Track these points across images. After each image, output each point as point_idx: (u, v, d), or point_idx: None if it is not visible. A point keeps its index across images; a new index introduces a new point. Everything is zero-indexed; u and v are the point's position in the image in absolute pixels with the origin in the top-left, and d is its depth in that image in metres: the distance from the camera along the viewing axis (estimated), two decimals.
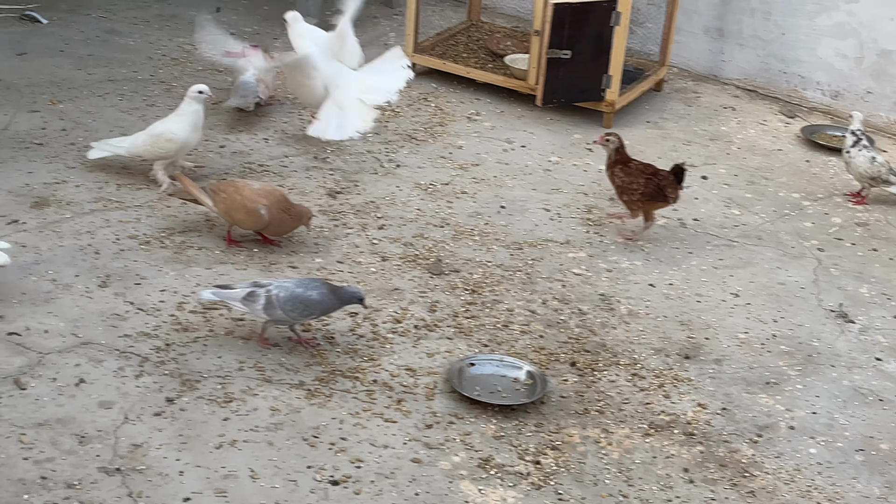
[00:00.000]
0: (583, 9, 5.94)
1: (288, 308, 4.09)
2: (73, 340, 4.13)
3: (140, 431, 3.76)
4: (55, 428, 3.73)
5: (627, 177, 5.08)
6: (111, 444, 3.69)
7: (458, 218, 5.24)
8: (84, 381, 3.94)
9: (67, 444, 3.67)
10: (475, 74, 6.47)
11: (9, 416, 3.74)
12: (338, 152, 5.71)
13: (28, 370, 3.96)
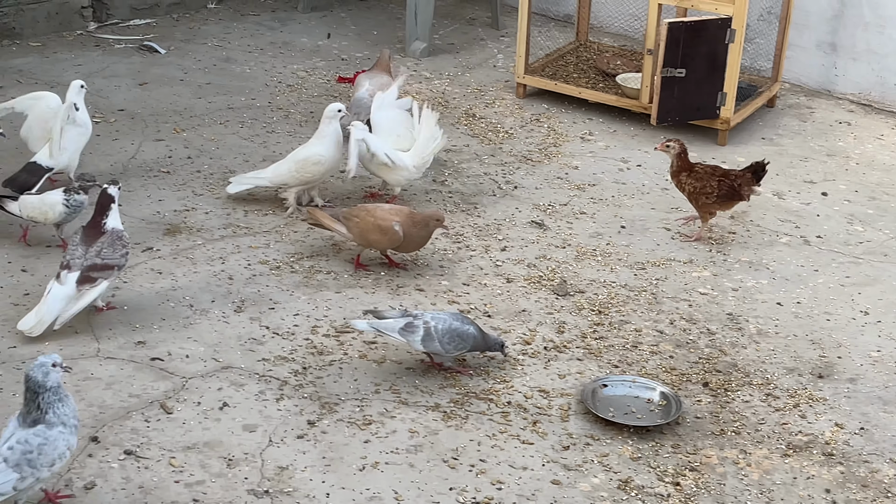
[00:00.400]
0: (697, 27, 5.95)
1: (446, 341, 4.15)
2: (213, 365, 4.23)
3: (285, 454, 3.83)
4: (203, 451, 3.82)
5: (698, 182, 5.16)
6: (258, 467, 3.77)
7: (579, 238, 5.27)
8: (227, 404, 4.03)
9: (216, 467, 3.76)
10: (587, 94, 6.51)
11: (158, 440, 3.85)
12: (455, 175, 5.78)
13: (173, 394, 4.06)
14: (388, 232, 4.76)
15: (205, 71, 6.71)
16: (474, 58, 7.24)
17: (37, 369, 3.40)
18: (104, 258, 4.33)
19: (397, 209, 4.83)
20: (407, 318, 4.19)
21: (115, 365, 4.18)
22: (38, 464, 3.37)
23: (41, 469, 3.38)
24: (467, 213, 5.43)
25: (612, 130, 6.34)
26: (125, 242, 4.40)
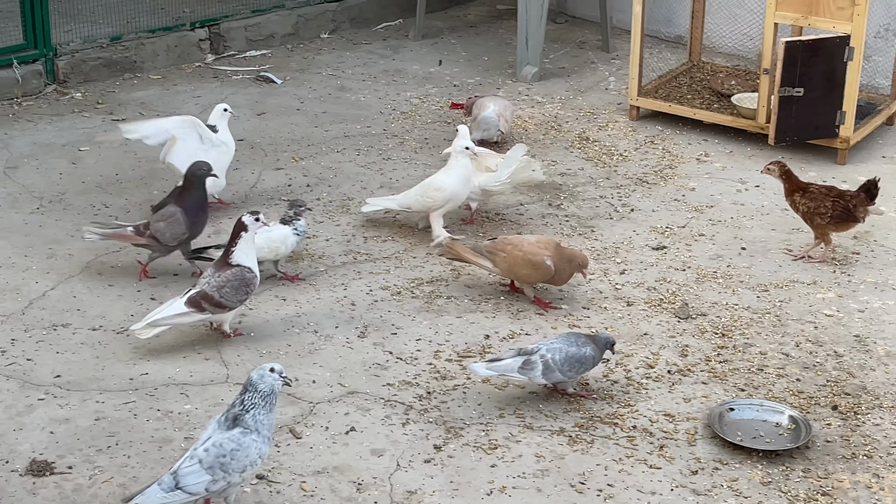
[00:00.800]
0: (815, 45, 5.88)
1: (566, 369, 4.16)
2: (339, 390, 4.29)
3: (413, 478, 3.86)
4: (332, 475, 3.87)
5: (812, 202, 5.11)
6: (387, 491, 3.80)
7: (698, 261, 5.24)
8: (354, 429, 4.08)
9: (346, 491, 3.80)
10: (702, 115, 6.47)
11: (289, 465, 3.90)
12: (571, 198, 5.78)
13: (301, 419, 4.12)
14: (540, 267, 4.75)
15: (320, 100, 6.81)
16: (586, 81, 7.24)
17: (256, 370, 3.57)
18: (222, 297, 4.40)
19: (545, 242, 4.81)
20: (523, 356, 4.19)
21: None
22: (230, 468, 3.49)
23: (233, 474, 3.50)
24: (584, 236, 5.43)
25: (729, 151, 6.29)
26: (250, 289, 4.46)
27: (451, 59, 7.51)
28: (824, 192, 5.14)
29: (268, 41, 7.48)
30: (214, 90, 6.85)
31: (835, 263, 5.20)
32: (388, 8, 8.02)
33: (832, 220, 5.11)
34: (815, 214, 5.11)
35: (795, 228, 5.46)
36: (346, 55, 7.49)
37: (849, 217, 5.11)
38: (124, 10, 7.31)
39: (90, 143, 6.10)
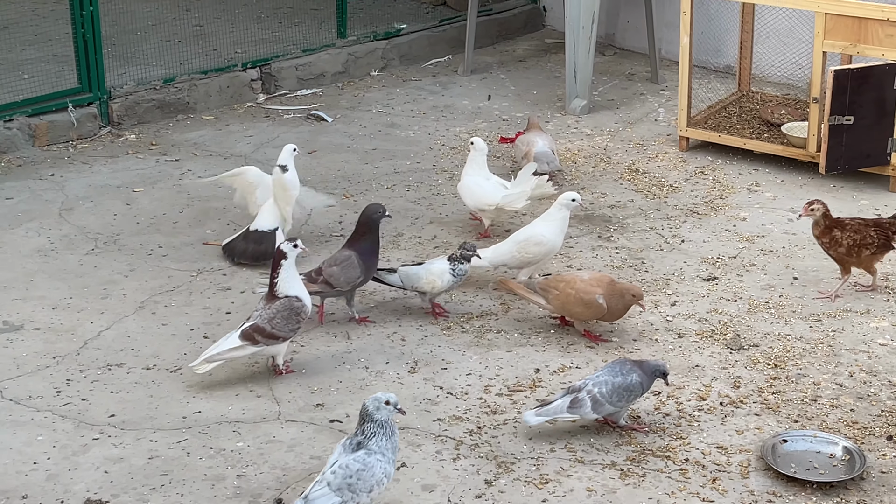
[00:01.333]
0: (863, 73, 5.85)
1: (615, 400, 4.16)
2: None
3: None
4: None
5: (856, 234, 5.05)
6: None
7: (750, 291, 5.21)
8: (405, 464, 4.09)
9: None
10: (752, 145, 6.45)
11: None
12: (621, 230, 5.78)
13: None
14: (592, 305, 4.74)
15: (370, 137, 6.87)
16: (635, 113, 7.25)
17: (371, 402, 3.67)
18: (274, 327, 4.44)
19: (597, 279, 4.80)
20: (571, 394, 4.19)
21: (295, 427, 4.28)
22: (357, 489, 3.59)
23: (360, 494, 3.60)
24: (635, 268, 5.42)
25: (780, 180, 6.26)
26: (301, 317, 4.49)
27: (500, 93, 7.55)
28: (862, 223, 5.10)
29: (318, 80, 7.56)
30: (266, 129, 6.93)
31: (889, 292, 5.16)
32: (437, 44, 8.08)
33: (878, 249, 5.06)
34: (863, 246, 5.05)
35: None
36: (396, 92, 7.56)
37: (889, 245, 5.08)
38: (177, 52, 7.43)
39: (144, 183, 6.19)
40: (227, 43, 7.73)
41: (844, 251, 5.08)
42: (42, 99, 6.61)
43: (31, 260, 5.44)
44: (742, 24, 6.95)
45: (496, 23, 8.38)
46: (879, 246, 5.07)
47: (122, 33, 7.81)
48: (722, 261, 5.47)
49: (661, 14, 7.68)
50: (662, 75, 7.66)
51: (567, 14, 7.13)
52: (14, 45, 7.60)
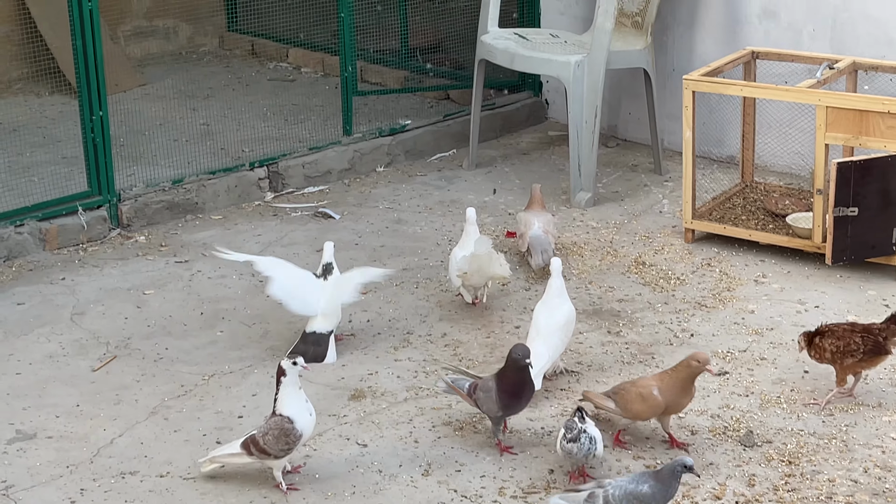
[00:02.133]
0: (866, 165, 5.91)
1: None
2: None
3: None
4: None
5: (840, 340, 4.96)
6: None
7: (761, 386, 5.22)
8: None
9: None
10: (757, 236, 6.49)
11: None
12: (630, 325, 5.80)
13: None
14: (649, 398, 4.70)
15: (378, 234, 6.92)
16: (639, 205, 7.30)
17: None
18: (266, 444, 4.44)
19: (659, 374, 4.81)
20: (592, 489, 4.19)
21: None
22: None
23: None
24: (645, 363, 5.43)
25: (787, 272, 6.29)
26: (290, 439, 4.46)
27: (506, 187, 7.61)
28: (848, 329, 5.01)
29: (325, 177, 7.63)
30: (274, 228, 6.98)
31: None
32: (441, 139, 8.16)
33: (864, 356, 4.97)
34: (846, 354, 4.95)
35: None
36: (402, 187, 7.62)
37: (880, 350, 4.98)
38: (185, 151, 7.51)
39: (154, 285, 6.23)
40: (233, 141, 7.82)
41: (829, 358, 5.00)
42: (52, 203, 6.67)
43: (43, 366, 5.45)
44: (744, 116, 7.03)
45: (499, 116, 8.47)
46: (867, 352, 4.95)
47: (130, 133, 7.90)
48: (732, 355, 5.49)
49: (662, 106, 7.77)
50: (666, 166, 7.73)
51: (570, 109, 7.22)
52: (24, 148, 7.68)
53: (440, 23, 8.95)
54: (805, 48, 7.23)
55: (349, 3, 7.65)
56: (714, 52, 7.61)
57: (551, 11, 8.48)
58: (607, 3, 7.05)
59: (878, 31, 7.04)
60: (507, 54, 7.44)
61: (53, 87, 8.57)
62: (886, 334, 4.99)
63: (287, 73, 9.45)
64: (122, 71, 8.79)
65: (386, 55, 8.88)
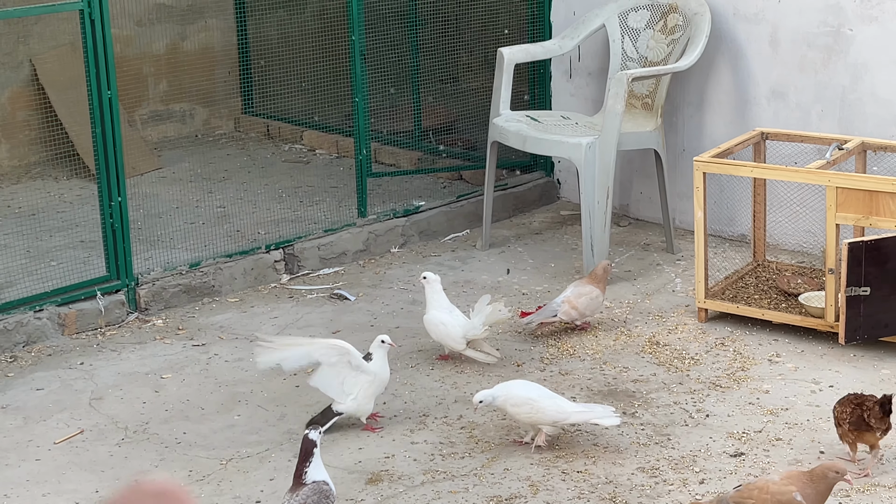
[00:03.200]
0: (877, 245, 5.96)
1: None
2: None
3: None
4: None
5: (840, 406, 5.11)
6: None
7: (777, 466, 5.22)
8: None
9: None
10: (770, 315, 6.53)
11: None
12: (645, 406, 5.82)
13: None
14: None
15: (393, 315, 6.97)
16: (652, 284, 7.35)
17: None
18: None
19: (789, 475, 4.70)
20: None
21: None
22: None
23: None
24: (661, 445, 5.45)
25: (800, 351, 6.32)
26: (330, 500, 4.53)
27: (519, 267, 7.67)
28: (853, 398, 5.13)
29: (340, 258, 7.71)
30: (290, 310, 7.04)
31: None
32: (455, 220, 8.24)
33: (850, 426, 5.06)
34: (840, 419, 5.08)
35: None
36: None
37: (862, 425, 5.03)
38: (201, 234, 7.60)
39: (171, 369, 6.28)
40: (249, 223, 7.91)
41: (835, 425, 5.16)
42: (71, 288, 6.75)
43: (62, 452, 5.49)
44: (754, 196, 7.10)
45: (512, 196, 8.56)
46: (852, 423, 5.05)
47: (147, 217, 8.00)
48: (748, 435, 5.50)
49: (673, 186, 7.86)
50: (678, 245, 7.79)
51: (582, 189, 7.30)
52: (42, 233, 7.78)
53: (452, 104, 9.08)
54: (814, 128, 7.33)
55: (363, 87, 7.78)
56: (724, 132, 7.71)
57: (562, 93, 8.61)
58: (618, 86, 7.16)
59: (885, 111, 7.13)
60: (519, 136, 7.55)
61: (72, 171, 8.70)
62: (871, 413, 5.03)
63: (302, 154, 9.58)
64: (139, 154, 8.91)
65: (399, 136, 9.01)
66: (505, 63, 7.72)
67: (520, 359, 6.33)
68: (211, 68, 9.88)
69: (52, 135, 8.53)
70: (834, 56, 7.31)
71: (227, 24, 9.85)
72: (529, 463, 5.31)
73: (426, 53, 8.79)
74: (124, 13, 9.14)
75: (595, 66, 8.41)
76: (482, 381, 6.05)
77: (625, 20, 7.98)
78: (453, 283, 7.45)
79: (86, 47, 6.59)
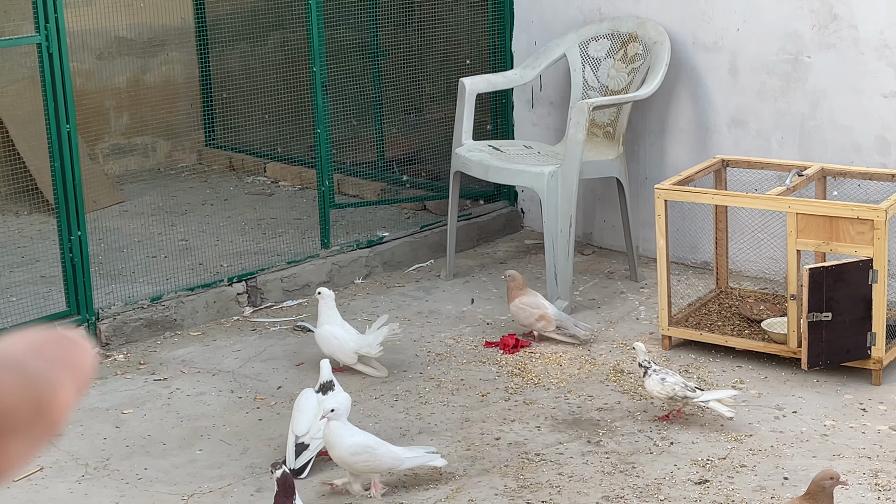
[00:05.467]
0: (838, 270, 5.99)
1: None
2: None
3: None
4: None
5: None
6: None
7: (742, 493, 5.22)
8: None
9: None
10: (734, 342, 6.54)
11: None
12: (610, 434, 5.81)
13: None
14: None
15: None
16: (616, 311, 7.35)
17: None
18: None
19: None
20: None
21: None
22: None
23: None
24: (625, 473, 5.43)
25: (764, 377, 6.33)
26: None
27: (483, 296, 7.66)
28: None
29: (303, 290, 7.67)
30: (253, 343, 7.00)
31: (877, 489, 5.17)
32: (419, 250, 8.23)
33: None
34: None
35: (836, 455, 5.45)
36: (381, 299, 7.66)
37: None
38: (163, 267, 7.55)
39: (132, 404, 6.22)
40: (212, 256, 7.87)
41: None
42: (31, 323, 6.68)
43: (21, 490, 5.42)
44: (716, 223, 7.12)
45: (476, 226, 8.56)
46: None
47: (108, 251, 7.95)
48: (712, 462, 5.49)
49: (636, 214, 7.88)
50: (641, 273, 7.81)
51: (545, 218, 7.30)
52: (1, 269, 7.71)
53: (415, 134, 9.08)
54: (774, 155, 7.37)
55: (326, 119, 7.77)
56: (685, 160, 7.74)
57: (524, 123, 8.63)
58: (579, 115, 7.18)
59: (844, 137, 7.18)
60: (481, 166, 7.55)
61: (32, 206, 8.64)
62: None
63: (265, 186, 9.56)
64: (100, 188, 8.86)
65: (362, 167, 9.00)
66: (467, 93, 7.73)
67: (484, 389, 6.31)
68: (173, 101, 9.85)
69: (11, 169, 8.48)
70: (793, 83, 7.37)
71: (189, 57, 9.83)
72: (494, 493, 5.28)
73: (388, 84, 8.80)
74: (85, 47, 9.11)
75: (557, 96, 8.44)
76: (446, 412, 6.03)
77: (585, 49, 8.02)
78: (417, 313, 7.43)
79: (44, 81, 6.55)
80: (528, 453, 5.63)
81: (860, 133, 7.13)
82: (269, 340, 7.05)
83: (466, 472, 5.47)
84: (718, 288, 7.21)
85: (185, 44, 9.82)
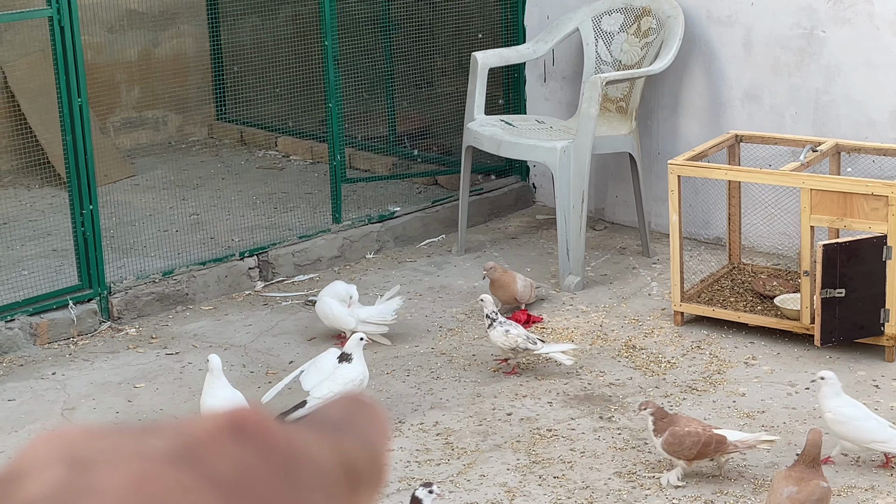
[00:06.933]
0: (852, 247, 5.97)
1: None
2: None
3: None
4: None
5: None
6: None
7: (753, 470, 5.21)
8: None
9: None
10: (746, 318, 6.52)
11: None
12: (622, 410, 5.80)
13: None
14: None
15: None
16: (628, 287, 7.34)
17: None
18: None
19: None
20: None
21: None
22: None
23: None
24: (637, 449, 5.43)
25: (776, 353, 6.32)
26: None
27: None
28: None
29: (315, 265, 7.67)
30: (265, 318, 7.00)
31: (892, 466, 5.16)
32: (430, 225, 8.21)
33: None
34: None
35: None
36: (392, 274, 7.65)
37: None
38: (175, 241, 7.55)
39: (145, 378, 6.23)
40: (223, 231, 7.86)
41: None
42: (42, 297, 6.68)
43: None
44: (729, 198, 7.10)
45: (488, 201, 8.54)
46: None
47: (120, 225, 7.94)
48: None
49: (648, 189, 7.85)
50: (653, 248, 7.78)
51: (557, 193, 7.28)
52: (13, 242, 7.71)
53: (427, 109, 9.05)
54: (788, 131, 7.33)
55: (337, 93, 7.75)
56: (698, 135, 7.71)
57: (537, 98, 8.60)
58: (592, 90, 7.15)
59: (858, 113, 7.14)
60: (493, 141, 7.53)
61: (44, 179, 8.64)
62: None
63: (276, 161, 9.54)
64: (111, 162, 8.85)
65: (374, 142, 8.98)
66: (479, 67, 7.69)
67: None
68: (184, 75, 9.82)
69: (23, 143, 8.47)
70: (807, 58, 7.32)
71: (200, 31, 9.80)
72: (506, 469, 5.28)
73: (400, 58, 8.77)
74: (96, 20, 9.09)
75: (569, 70, 8.40)
76: (458, 387, 6.03)
77: (598, 24, 7.97)
78: (429, 288, 7.42)
79: (55, 54, 6.54)
80: (539, 429, 5.63)
81: (875, 108, 7.09)
82: (281, 315, 7.05)
83: (478, 448, 5.47)
84: (731, 264, 7.19)
85: (196, 17, 9.79)
